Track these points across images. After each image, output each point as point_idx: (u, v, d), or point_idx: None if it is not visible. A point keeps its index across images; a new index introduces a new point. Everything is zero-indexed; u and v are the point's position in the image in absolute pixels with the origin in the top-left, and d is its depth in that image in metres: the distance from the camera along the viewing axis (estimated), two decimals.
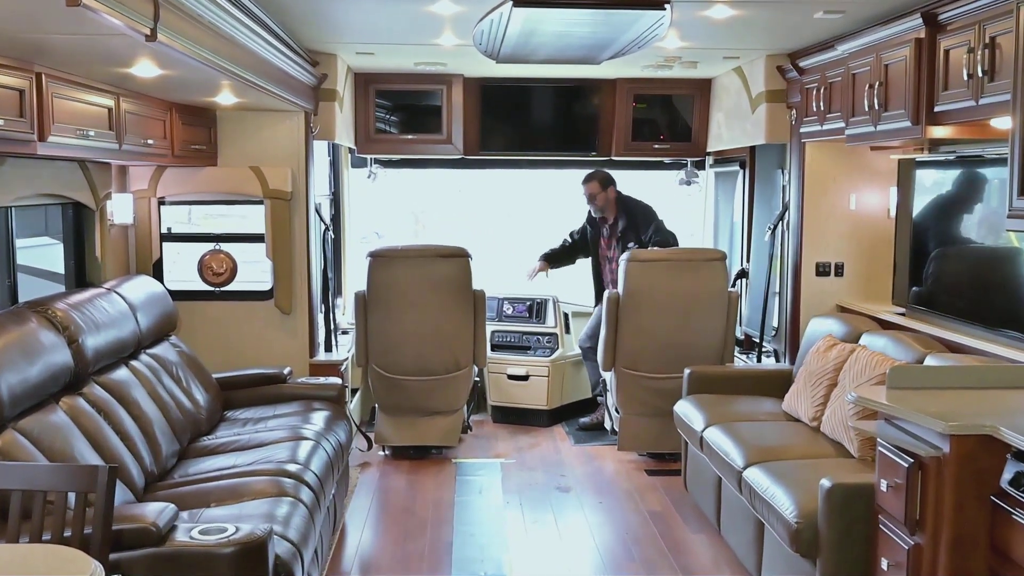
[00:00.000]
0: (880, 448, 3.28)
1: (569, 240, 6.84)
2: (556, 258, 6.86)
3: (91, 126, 3.85)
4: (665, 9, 4.21)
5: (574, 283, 7.30)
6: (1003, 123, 3.53)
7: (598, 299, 6.57)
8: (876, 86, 4.39)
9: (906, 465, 3.07)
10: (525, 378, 6.83)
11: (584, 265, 6.87)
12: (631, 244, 6.27)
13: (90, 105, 3.88)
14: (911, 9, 4.10)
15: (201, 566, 2.85)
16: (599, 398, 6.70)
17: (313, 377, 5.46)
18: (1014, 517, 2.76)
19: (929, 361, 4.05)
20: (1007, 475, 2.81)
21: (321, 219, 6.15)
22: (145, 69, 3.69)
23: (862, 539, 3.40)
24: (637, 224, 6.43)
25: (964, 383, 3.41)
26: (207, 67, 3.60)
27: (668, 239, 6.42)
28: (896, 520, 3.16)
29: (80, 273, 4.95)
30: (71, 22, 2.68)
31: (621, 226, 6.46)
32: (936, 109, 3.98)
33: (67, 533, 2.65)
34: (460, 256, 6.00)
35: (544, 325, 7.11)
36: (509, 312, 7.18)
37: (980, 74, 3.58)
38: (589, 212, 6.66)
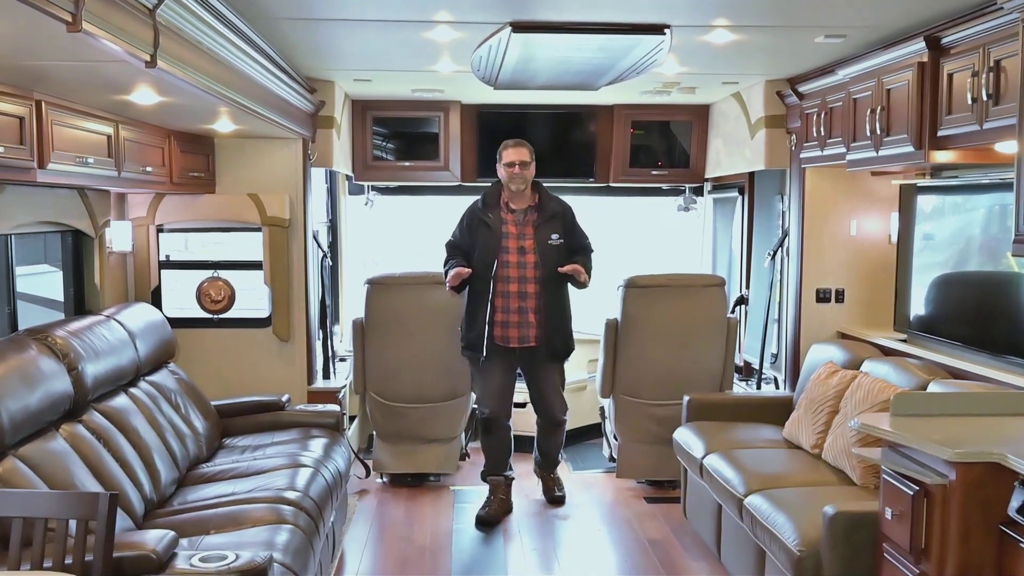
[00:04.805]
0: (884, 476, 3.24)
1: (454, 249, 5.46)
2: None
3: (90, 153, 3.84)
4: (664, 34, 4.22)
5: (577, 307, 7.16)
6: (1008, 147, 3.51)
7: (472, 330, 5.37)
8: (878, 111, 4.36)
9: (911, 493, 3.04)
10: (523, 405, 6.76)
11: (586, 291, 5.75)
12: (555, 236, 5.30)
13: (89, 132, 3.87)
14: (914, 33, 4.08)
15: None
16: (489, 478, 5.55)
17: (311, 404, 5.43)
18: (1022, 546, 2.73)
19: (932, 388, 4.01)
20: (1015, 503, 2.77)
21: (319, 246, 6.14)
22: (144, 96, 3.69)
23: (866, 568, 3.35)
24: (565, 219, 5.39)
25: (969, 410, 3.38)
26: (206, 94, 3.60)
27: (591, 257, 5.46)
28: (901, 549, 3.12)
29: (79, 301, 4.93)
30: (71, 48, 2.68)
31: (541, 215, 5.34)
32: (939, 134, 3.95)
33: (68, 560, 2.65)
34: None
35: None
36: None
37: (984, 98, 3.54)
38: (469, 215, 5.43)
